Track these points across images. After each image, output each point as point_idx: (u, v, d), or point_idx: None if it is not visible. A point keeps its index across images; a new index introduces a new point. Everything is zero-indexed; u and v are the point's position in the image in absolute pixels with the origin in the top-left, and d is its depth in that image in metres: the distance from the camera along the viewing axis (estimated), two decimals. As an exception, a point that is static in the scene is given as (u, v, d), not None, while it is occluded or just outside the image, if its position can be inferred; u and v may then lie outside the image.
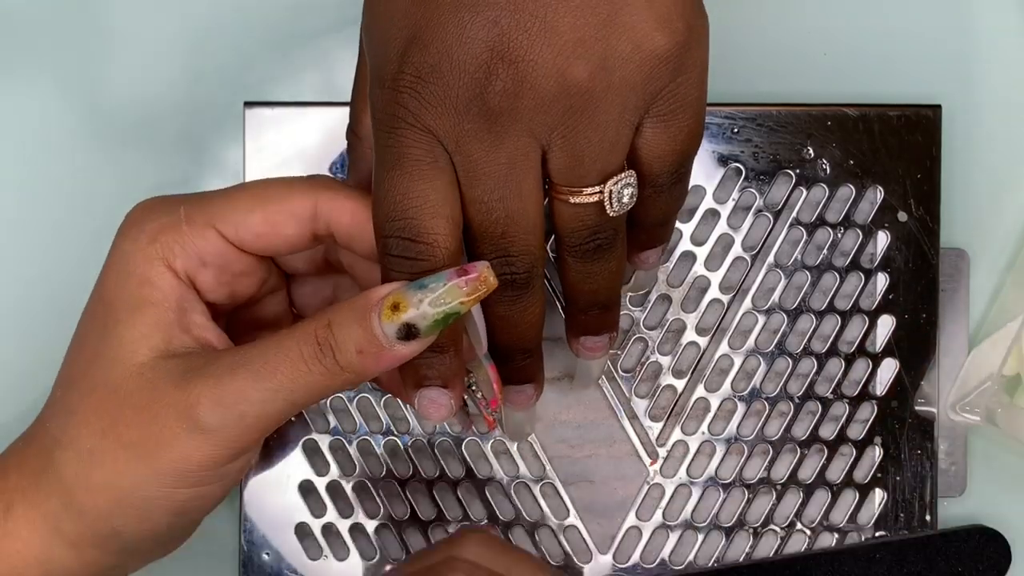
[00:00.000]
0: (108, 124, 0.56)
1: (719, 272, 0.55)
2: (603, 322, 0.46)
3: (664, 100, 0.42)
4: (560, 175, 0.42)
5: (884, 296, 0.55)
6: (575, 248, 0.43)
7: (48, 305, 0.55)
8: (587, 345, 0.47)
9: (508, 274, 0.42)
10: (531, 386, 0.46)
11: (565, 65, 0.40)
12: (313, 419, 0.54)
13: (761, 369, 0.55)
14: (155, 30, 0.56)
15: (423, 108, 0.40)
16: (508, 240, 0.42)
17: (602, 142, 0.41)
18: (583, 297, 0.45)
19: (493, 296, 0.42)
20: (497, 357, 0.45)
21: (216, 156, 0.56)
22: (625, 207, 0.43)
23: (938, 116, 0.55)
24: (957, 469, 0.55)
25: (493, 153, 0.41)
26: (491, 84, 0.40)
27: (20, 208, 0.56)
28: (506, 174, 0.41)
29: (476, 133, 0.40)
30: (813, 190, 0.55)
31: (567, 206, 0.42)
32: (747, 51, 0.56)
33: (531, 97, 0.40)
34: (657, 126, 0.42)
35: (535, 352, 0.46)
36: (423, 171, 0.41)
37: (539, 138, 0.41)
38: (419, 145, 0.41)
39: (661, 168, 0.43)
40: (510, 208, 0.41)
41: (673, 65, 0.41)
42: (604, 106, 0.40)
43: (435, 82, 0.40)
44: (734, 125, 0.54)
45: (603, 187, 0.42)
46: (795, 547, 0.54)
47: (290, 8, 0.56)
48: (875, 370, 0.55)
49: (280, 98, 0.55)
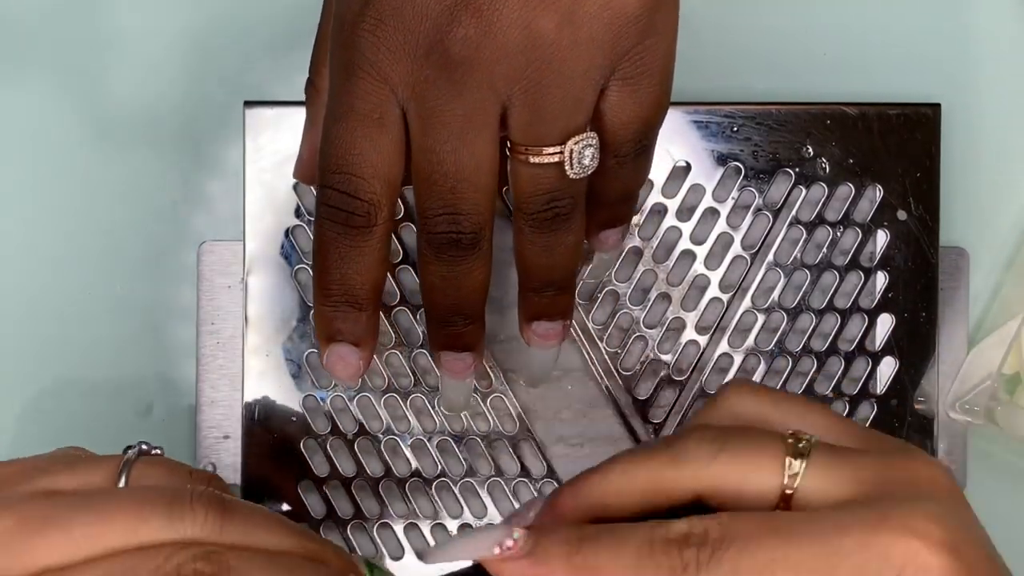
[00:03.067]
0: (108, 124, 0.56)
1: (719, 271, 0.55)
2: (557, 305, 0.45)
3: (630, 61, 0.41)
4: (520, 132, 0.41)
5: (884, 295, 0.55)
6: (532, 216, 0.42)
7: (49, 305, 0.55)
8: (539, 331, 0.46)
9: (454, 232, 0.41)
10: (470, 355, 0.45)
11: (531, 16, 0.39)
12: (313, 419, 0.54)
13: (761, 368, 0.55)
14: (155, 30, 0.56)
15: (380, 53, 0.39)
16: (457, 196, 0.41)
17: (565, 99, 0.40)
18: (537, 274, 0.44)
19: (435, 254, 0.42)
20: (436, 320, 0.44)
21: (216, 156, 0.56)
22: (586, 169, 0.42)
23: (937, 115, 0.55)
24: (957, 468, 0.55)
25: (450, 103, 0.40)
26: (453, 31, 0.39)
27: (20, 208, 0.56)
28: (461, 125, 0.40)
29: (434, 80, 0.39)
30: (812, 189, 0.55)
31: (526, 167, 0.41)
32: (747, 50, 0.56)
33: (494, 47, 0.39)
34: (623, 89, 0.41)
35: (476, 318, 0.44)
36: (369, 128, 0.40)
37: (499, 93, 0.40)
38: (370, 97, 0.40)
39: (625, 135, 0.42)
40: (462, 161, 0.40)
41: (642, 25, 0.40)
42: (569, 61, 0.40)
43: (395, 26, 0.39)
44: (733, 124, 0.54)
45: (564, 147, 0.41)
46: (795, 546, 0.54)
47: (290, 8, 0.56)
48: (875, 369, 0.55)
49: (280, 98, 0.55)
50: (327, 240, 0.42)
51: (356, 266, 0.42)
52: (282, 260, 0.54)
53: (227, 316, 0.54)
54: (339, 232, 0.41)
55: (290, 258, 0.54)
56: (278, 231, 0.54)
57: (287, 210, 0.53)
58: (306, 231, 0.54)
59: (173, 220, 0.55)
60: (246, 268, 0.53)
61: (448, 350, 0.45)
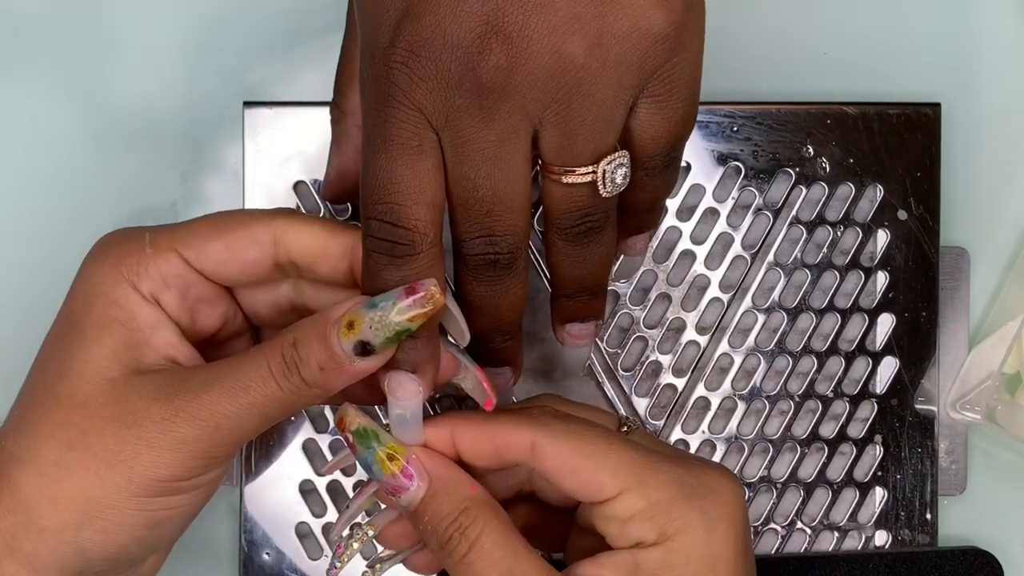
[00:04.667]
0: (108, 124, 0.56)
1: (719, 271, 0.55)
2: (590, 309, 0.46)
3: (659, 80, 0.41)
4: (552, 154, 0.41)
5: (884, 294, 0.55)
6: (566, 231, 0.43)
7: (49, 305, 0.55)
8: (572, 332, 0.47)
9: (491, 254, 0.42)
10: (509, 369, 0.46)
11: (561, 41, 0.39)
12: (313, 419, 0.54)
13: (761, 368, 0.55)
14: (155, 30, 0.56)
15: (414, 84, 0.40)
16: (493, 219, 0.41)
17: (596, 120, 0.41)
18: (571, 282, 0.45)
19: (474, 276, 0.42)
20: (476, 338, 0.44)
21: (216, 156, 0.56)
22: (618, 188, 0.42)
23: (938, 114, 0.55)
24: (957, 467, 0.55)
25: (483, 130, 0.40)
26: (484, 60, 0.39)
27: (20, 208, 0.56)
28: (495, 152, 0.40)
29: (467, 109, 0.40)
30: (813, 188, 0.55)
31: (559, 186, 0.42)
32: (747, 50, 0.56)
33: (525, 73, 0.39)
34: (652, 107, 0.42)
35: (515, 335, 0.45)
36: (408, 156, 0.40)
37: (531, 116, 0.40)
38: (406, 126, 0.40)
39: (654, 150, 0.42)
40: (497, 187, 0.41)
41: (670, 44, 0.41)
42: (599, 84, 0.40)
43: (427, 57, 0.39)
44: (734, 123, 0.54)
45: (596, 167, 0.41)
46: (795, 546, 0.54)
47: (290, 8, 0.56)
48: (875, 368, 0.55)
49: (280, 98, 0.55)
50: (376, 270, 0.42)
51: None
52: (282, 260, 0.53)
53: (227, 316, 0.54)
54: (387, 263, 0.42)
55: (290, 258, 0.53)
56: (278, 231, 0.53)
57: (287, 210, 0.53)
58: (306, 231, 0.54)
59: (173, 220, 0.55)
60: (246, 268, 0.53)
61: (488, 366, 0.46)
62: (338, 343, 0.41)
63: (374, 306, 0.41)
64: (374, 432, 0.42)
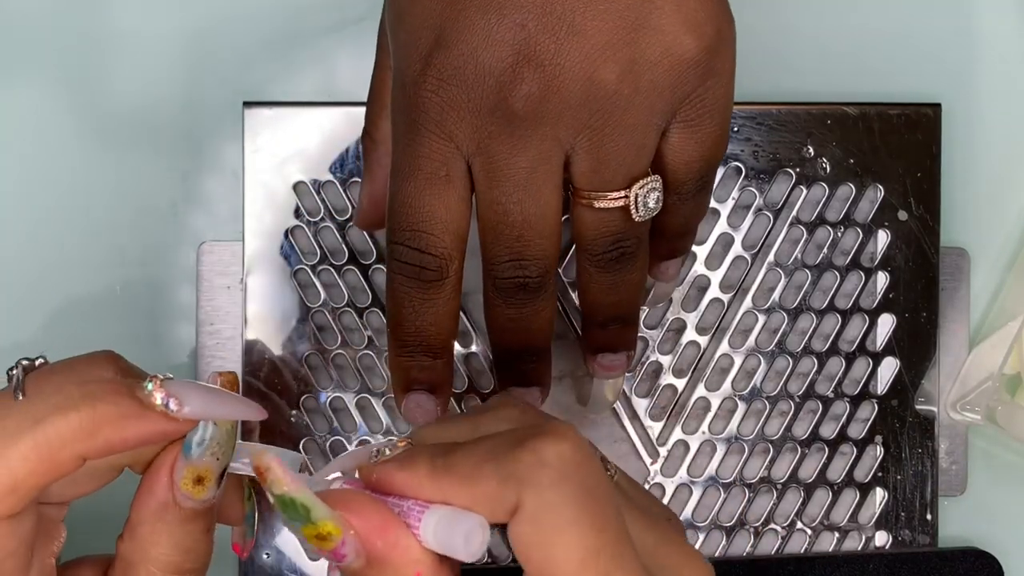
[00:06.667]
0: (108, 124, 0.56)
1: (719, 271, 0.55)
2: (622, 339, 0.46)
3: (691, 105, 0.41)
4: (584, 179, 0.41)
5: (884, 295, 0.55)
6: (598, 257, 0.43)
7: (49, 305, 0.55)
8: (604, 363, 0.47)
9: (521, 277, 0.42)
10: (538, 389, 0.46)
11: (593, 68, 0.39)
12: (313, 419, 0.54)
13: (761, 368, 0.55)
14: (155, 30, 0.56)
15: (445, 112, 0.40)
16: (523, 243, 0.42)
17: (629, 146, 0.41)
18: (603, 310, 0.45)
19: (504, 298, 0.42)
20: (504, 359, 0.45)
21: (215, 156, 0.56)
22: (651, 212, 0.42)
23: (938, 115, 0.55)
24: (957, 468, 0.55)
25: (515, 157, 0.40)
26: (516, 88, 0.39)
27: (19, 208, 0.56)
28: (526, 178, 0.41)
29: (499, 136, 0.40)
30: (813, 189, 0.55)
31: (590, 211, 0.42)
32: (747, 50, 0.56)
33: (557, 101, 0.40)
34: (684, 131, 0.42)
35: (543, 355, 0.45)
36: (436, 186, 0.41)
37: (563, 143, 0.40)
38: (436, 155, 0.41)
39: (687, 175, 0.43)
40: (528, 212, 0.41)
41: (702, 70, 0.41)
42: (632, 109, 0.40)
43: (458, 85, 0.40)
44: (734, 124, 0.54)
45: (628, 191, 0.42)
46: (796, 546, 0.54)
47: (290, 8, 0.56)
48: (875, 369, 0.55)
49: (279, 98, 0.55)
50: (401, 294, 0.43)
51: (430, 317, 0.43)
52: (281, 260, 0.54)
53: (226, 316, 0.54)
54: (412, 286, 0.42)
55: (289, 258, 0.53)
56: (277, 231, 0.53)
57: (286, 210, 0.53)
58: (305, 231, 0.54)
59: (173, 220, 0.55)
60: (245, 268, 0.53)
61: (517, 386, 0.46)
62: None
63: (188, 458, 0.38)
64: (304, 507, 0.33)
